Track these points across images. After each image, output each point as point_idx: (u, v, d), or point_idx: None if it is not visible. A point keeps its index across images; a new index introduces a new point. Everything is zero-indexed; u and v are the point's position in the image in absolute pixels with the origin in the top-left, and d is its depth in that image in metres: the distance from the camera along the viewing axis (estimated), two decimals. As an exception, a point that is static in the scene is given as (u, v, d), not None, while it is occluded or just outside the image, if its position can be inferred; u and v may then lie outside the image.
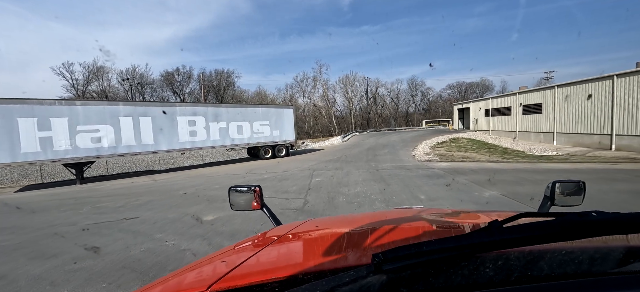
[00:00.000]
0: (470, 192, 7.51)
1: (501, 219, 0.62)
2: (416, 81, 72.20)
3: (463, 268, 0.53)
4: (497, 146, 24.88)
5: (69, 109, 11.62)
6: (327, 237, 1.16)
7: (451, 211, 1.62)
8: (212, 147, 15.48)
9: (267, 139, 17.61)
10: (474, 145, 24.95)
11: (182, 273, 0.91)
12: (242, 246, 1.15)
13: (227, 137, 15.92)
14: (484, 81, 74.18)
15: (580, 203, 1.42)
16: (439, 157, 15.85)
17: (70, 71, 47.39)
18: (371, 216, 1.51)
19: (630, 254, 0.60)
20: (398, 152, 18.78)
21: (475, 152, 19.55)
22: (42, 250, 4.59)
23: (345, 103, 65.55)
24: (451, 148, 21.79)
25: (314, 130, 60.60)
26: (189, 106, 15.16)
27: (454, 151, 20.09)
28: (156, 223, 5.83)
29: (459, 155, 17.27)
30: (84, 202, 8.32)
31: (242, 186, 1.63)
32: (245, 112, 16.68)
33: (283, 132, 18.24)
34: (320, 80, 62.39)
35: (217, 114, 15.59)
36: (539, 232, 0.50)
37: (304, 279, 0.65)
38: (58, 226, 5.97)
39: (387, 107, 70.00)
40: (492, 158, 15.74)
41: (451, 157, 16.28)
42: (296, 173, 11.75)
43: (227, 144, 16.06)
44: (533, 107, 27.52)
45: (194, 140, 14.70)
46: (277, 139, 18.02)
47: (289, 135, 18.50)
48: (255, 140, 17.08)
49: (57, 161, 11.60)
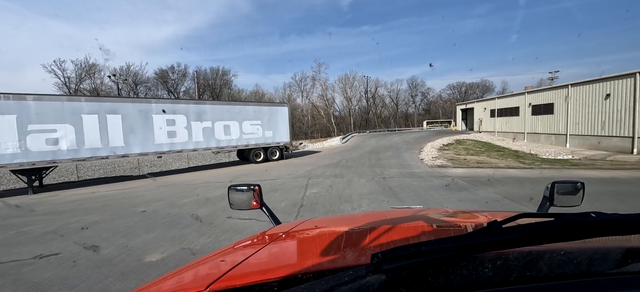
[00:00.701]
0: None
1: (500, 219, 0.64)
2: (416, 81, 70.66)
3: (462, 268, 0.53)
4: (506, 148, 23.24)
5: (17, 104, 9.66)
6: (327, 237, 1.14)
7: (451, 211, 1.60)
8: (194, 149, 13.55)
9: (259, 141, 15.69)
10: (482, 147, 23.24)
11: (182, 272, 0.89)
12: (241, 245, 1.13)
13: (213, 138, 13.99)
14: (484, 82, 73.34)
15: (580, 204, 1.39)
16: (451, 162, 14.03)
17: (62, 69, 45.36)
18: (371, 216, 1.49)
19: (629, 254, 0.59)
20: (403, 156, 16.94)
21: (486, 155, 17.75)
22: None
23: (344, 103, 63.81)
24: (459, 151, 20.01)
25: (313, 131, 58.99)
26: (168, 103, 13.16)
27: (464, 154, 18.28)
28: (76, 265, 3.95)
29: (472, 159, 15.46)
30: (11, 224, 6.39)
31: (241, 185, 1.63)
32: (233, 110, 14.74)
33: (276, 133, 16.32)
34: (319, 79, 60.60)
35: (201, 112, 13.67)
36: (538, 233, 0.50)
37: (303, 278, 0.65)
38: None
39: (387, 107, 68.38)
40: (510, 163, 13.94)
41: (464, 162, 14.46)
42: (288, 181, 9.88)
43: (213, 146, 14.10)
44: (543, 108, 25.80)
45: (172, 142, 12.78)
46: (269, 141, 16.10)
47: (283, 136, 16.58)
48: (244, 141, 15.14)
49: (3, 167, 9.65)
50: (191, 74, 52.68)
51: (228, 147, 14.72)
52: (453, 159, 15.30)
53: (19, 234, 5.52)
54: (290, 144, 16.96)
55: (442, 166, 12.82)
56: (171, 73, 53.95)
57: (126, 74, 50.60)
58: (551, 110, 24.95)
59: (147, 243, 4.70)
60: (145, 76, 51.78)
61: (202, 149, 13.76)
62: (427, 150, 19.47)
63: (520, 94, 28.81)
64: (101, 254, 4.35)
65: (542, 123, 26.10)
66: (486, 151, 20.80)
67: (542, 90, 26.14)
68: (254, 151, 15.65)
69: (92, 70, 47.95)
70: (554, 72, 45.68)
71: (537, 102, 26.59)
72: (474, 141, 26.91)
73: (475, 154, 18.06)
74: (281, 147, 16.70)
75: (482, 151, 20.06)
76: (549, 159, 16.07)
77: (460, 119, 41.09)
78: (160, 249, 4.43)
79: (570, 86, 23.19)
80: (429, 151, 18.77)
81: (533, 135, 27.16)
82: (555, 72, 45.24)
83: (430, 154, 17.41)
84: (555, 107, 24.59)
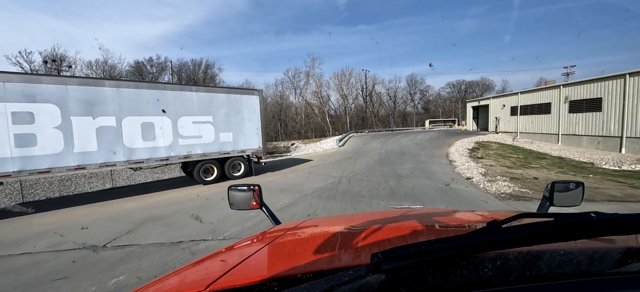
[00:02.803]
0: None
1: (500, 219, 0.62)
2: (416, 79, 65.10)
3: (462, 268, 0.52)
4: (546, 154, 17.60)
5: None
6: (327, 237, 1.10)
7: (451, 211, 1.53)
8: (79, 167, 7.28)
9: (209, 149, 9.51)
10: (518, 153, 17.55)
11: (181, 272, 0.86)
12: (241, 245, 1.10)
13: (119, 145, 7.80)
14: (484, 80, 69.10)
15: (579, 204, 1.34)
16: (514, 182, 8.18)
17: (30, 61, 38.44)
18: (370, 215, 1.44)
19: (629, 255, 0.57)
20: (432, 169, 11.05)
21: (537, 166, 12.00)
22: None
23: (340, 101, 57.90)
24: (498, 159, 14.23)
25: (306, 130, 53.12)
26: (18, 80, 6.79)
27: (508, 163, 12.47)
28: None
29: (529, 174, 9.68)
30: None
31: (241, 185, 1.57)
32: (163, 98, 8.58)
33: (240, 136, 10.21)
34: (313, 75, 54.45)
35: (95, 100, 7.45)
36: (538, 233, 0.49)
37: (303, 278, 0.63)
38: None
39: (384, 106, 62.67)
40: (597, 181, 8.18)
41: (525, 179, 8.63)
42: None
43: (118, 160, 7.83)
44: (587, 103, 20.18)
45: (26, 153, 6.64)
46: (228, 148, 9.98)
47: (250, 140, 10.48)
48: (182, 150, 8.94)
49: None
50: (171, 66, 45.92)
51: (151, 161, 8.51)
52: (513, 176, 9.43)
53: None
54: (262, 152, 10.87)
55: (516, 196, 6.94)
56: (149, 65, 47.20)
57: (103, 67, 44.01)
58: (598, 106, 19.37)
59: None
60: (124, 69, 44.98)
61: (96, 165, 7.55)
62: (458, 159, 13.64)
63: (553, 87, 23.13)
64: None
65: (584, 122, 20.49)
66: (524, 157, 15.26)
67: (585, 82, 20.40)
68: (202, 165, 9.52)
69: (61, 60, 41.13)
70: (569, 66, 40.33)
71: (577, 96, 20.96)
72: (499, 144, 21.28)
73: (522, 165, 12.27)
74: (248, 157, 10.64)
75: (526, 159, 14.33)
76: (622, 171, 10.59)
77: (471, 118, 35.38)
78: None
79: (628, 76, 17.55)
80: (463, 161, 12.93)
81: (571, 138, 21.55)
82: (572, 66, 39.93)
83: (466, 165, 11.61)
84: (604, 102, 19.00)
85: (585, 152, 18.45)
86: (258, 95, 10.62)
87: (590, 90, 20.24)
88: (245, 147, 10.33)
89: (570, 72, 39.70)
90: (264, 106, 10.55)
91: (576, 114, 21.24)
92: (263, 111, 10.66)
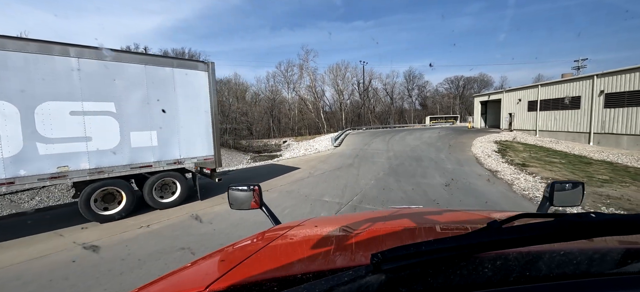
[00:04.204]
0: None
1: (500, 219, 0.61)
2: (414, 74, 61.34)
3: (462, 268, 0.51)
4: (588, 157, 13.88)
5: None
6: (326, 237, 1.06)
7: (451, 211, 1.50)
8: None
9: (107, 160, 5.18)
10: (556, 156, 13.69)
11: (181, 272, 0.84)
12: (240, 245, 1.06)
13: None
14: (482, 76, 66.34)
15: (579, 204, 1.29)
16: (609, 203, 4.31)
17: None
18: (370, 216, 1.37)
19: (629, 255, 0.56)
20: (472, 182, 6.97)
21: (607, 180, 8.19)
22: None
23: (335, 97, 53.73)
24: (541, 164, 10.38)
25: (300, 127, 48.90)
26: None
27: (563, 171, 8.60)
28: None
29: (616, 193, 5.84)
30: None
31: (241, 185, 1.48)
32: (14, 67, 4.43)
33: (173, 137, 6.01)
34: (307, 68, 50.07)
35: None
36: (538, 233, 0.48)
37: (303, 278, 0.62)
38: None
39: (381, 102, 58.75)
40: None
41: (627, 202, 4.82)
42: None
43: None
44: (628, 96, 16.49)
45: None
46: (148, 158, 5.68)
47: (193, 144, 6.26)
48: (50, 164, 4.70)
49: None
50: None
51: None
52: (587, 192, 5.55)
53: None
54: (216, 162, 6.71)
55: None
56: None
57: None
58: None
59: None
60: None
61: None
62: (495, 165, 9.72)
63: (585, 78, 19.33)
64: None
65: (625, 120, 16.77)
66: (568, 162, 11.50)
67: (629, 71, 16.61)
68: (93, 190, 5.26)
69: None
70: (580, 59, 36.79)
71: (615, 89, 17.22)
72: (524, 145, 17.52)
73: (587, 175, 8.43)
74: (189, 170, 6.52)
75: (573, 165, 10.53)
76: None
77: (480, 114, 31.60)
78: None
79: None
80: (503, 168, 8.99)
81: (607, 137, 17.84)
82: (583, 59, 36.38)
83: (522, 178, 7.67)
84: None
85: (632, 155, 14.74)
86: (206, 70, 6.34)
87: (634, 80, 16.46)
88: (184, 155, 6.14)
89: (581, 66, 36.17)
90: (214, 87, 6.35)
91: (615, 109, 17.47)
92: (214, 95, 6.47)
